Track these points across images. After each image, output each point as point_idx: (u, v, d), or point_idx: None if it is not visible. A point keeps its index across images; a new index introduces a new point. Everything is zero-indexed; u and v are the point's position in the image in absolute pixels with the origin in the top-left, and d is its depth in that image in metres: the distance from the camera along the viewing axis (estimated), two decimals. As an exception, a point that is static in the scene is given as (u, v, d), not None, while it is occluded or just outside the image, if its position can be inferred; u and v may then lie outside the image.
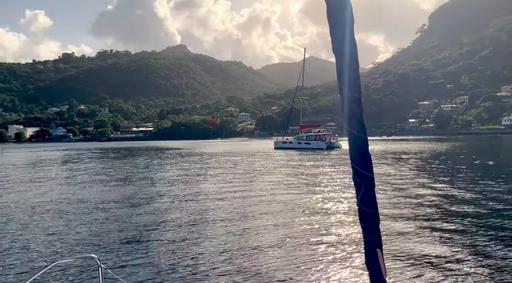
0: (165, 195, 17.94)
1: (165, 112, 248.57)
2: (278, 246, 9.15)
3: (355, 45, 1.42)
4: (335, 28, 1.46)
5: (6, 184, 24.36)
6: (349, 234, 10.13)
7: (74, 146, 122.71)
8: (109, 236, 10.66)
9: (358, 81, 1.44)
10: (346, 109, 1.40)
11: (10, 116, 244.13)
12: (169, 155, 55.34)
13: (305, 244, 9.28)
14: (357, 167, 1.49)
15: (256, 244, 9.42)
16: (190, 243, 9.74)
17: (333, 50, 1.46)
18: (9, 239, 10.61)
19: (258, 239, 9.93)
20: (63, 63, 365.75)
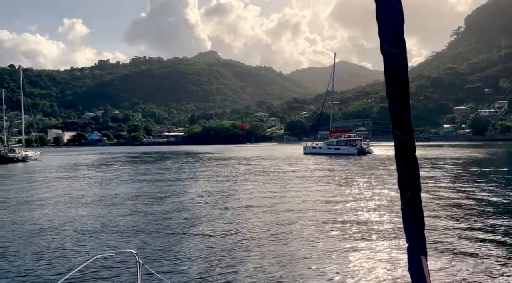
0: (198, 196, 18.30)
1: (195, 117, 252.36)
2: (320, 254, 9.05)
3: (404, 46, 1.39)
4: (384, 28, 1.40)
5: (48, 185, 25.55)
6: (390, 240, 10.01)
7: (108, 150, 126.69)
8: (146, 233, 11.08)
9: (406, 82, 1.40)
10: (393, 111, 1.37)
11: (50, 121, 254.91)
12: (200, 159, 56.21)
13: (343, 251, 9.25)
14: (403, 171, 1.45)
15: (291, 249, 9.50)
16: (225, 242, 9.93)
17: (381, 51, 1.40)
18: (54, 234, 11.21)
19: (292, 245, 10.00)
20: (99, 70, 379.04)
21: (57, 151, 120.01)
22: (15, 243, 10.42)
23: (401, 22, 1.38)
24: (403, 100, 1.39)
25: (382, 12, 1.39)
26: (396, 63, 1.38)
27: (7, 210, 15.92)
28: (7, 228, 12.47)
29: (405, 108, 1.39)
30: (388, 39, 1.39)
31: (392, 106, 1.41)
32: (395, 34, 1.39)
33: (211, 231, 11.18)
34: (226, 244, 9.75)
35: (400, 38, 1.39)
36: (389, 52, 1.39)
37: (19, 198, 19.71)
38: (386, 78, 1.41)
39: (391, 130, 1.39)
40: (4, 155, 56.78)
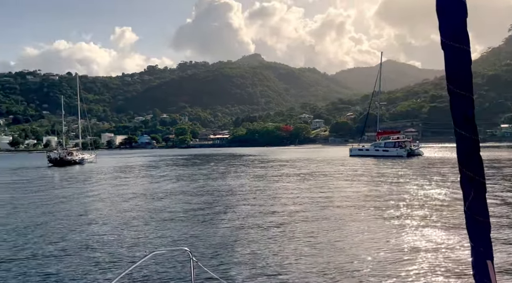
0: (245, 197, 18.57)
1: (240, 120, 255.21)
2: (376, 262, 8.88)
3: (467, 40, 1.31)
4: (445, 22, 1.32)
5: (104, 186, 27.00)
6: (452, 245, 9.67)
7: (158, 152, 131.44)
8: (198, 231, 11.44)
9: (470, 78, 1.32)
10: (455, 108, 1.30)
11: (103, 125, 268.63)
12: (245, 161, 56.81)
13: (402, 255, 9.06)
14: (466, 171, 1.38)
15: (343, 254, 9.43)
16: (275, 241, 10.04)
17: (442, 46, 1.33)
18: (111, 231, 11.88)
19: (345, 249, 9.92)
20: (147, 75, 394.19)
21: (109, 154, 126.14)
22: (74, 240, 11.14)
23: (464, 15, 1.31)
24: (466, 97, 1.33)
25: (443, 5, 1.32)
26: (459, 58, 1.31)
27: (68, 210, 17.02)
28: (68, 226, 13.35)
29: (468, 106, 1.34)
30: (450, 34, 1.32)
31: (455, 104, 1.35)
32: (458, 28, 1.31)
33: (261, 230, 11.37)
34: (277, 244, 9.86)
35: (463, 32, 1.32)
36: (451, 47, 1.32)
37: (78, 198, 21.00)
38: (447, 74, 1.35)
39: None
40: (63, 157, 60.55)
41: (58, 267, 8.60)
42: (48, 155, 64.34)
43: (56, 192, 24.18)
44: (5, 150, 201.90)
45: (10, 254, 9.86)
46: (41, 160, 70.87)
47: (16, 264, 9.01)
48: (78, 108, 78.57)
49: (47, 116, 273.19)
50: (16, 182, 32.03)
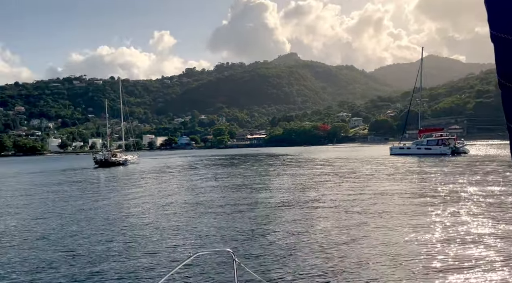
0: (289, 197, 18.55)
1: (276, 119, 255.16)
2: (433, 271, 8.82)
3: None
4: (495, 12, 1.24)
5: (147, 186, 27.94)
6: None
7: (197, 153, 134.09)
8: (242, 233, 11.59)
9: None
10: (507, 103, 1.24)
11: (144, 127, 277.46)
12: (283, 160, 56.74)
13: (468, 254, 8.81)
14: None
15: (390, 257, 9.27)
16: (318, 243, 10.02)
17: (491, 38, 1.25)
18: (157, 232, 12.30)
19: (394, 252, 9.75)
20: (186, 78, 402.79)
21: (151, 155, 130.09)
22: (119, 241, 11.62)
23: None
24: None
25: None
26: (510, 50, 1.23)
27: (112, 210, 17.77)
28: (113, 226, 13.95)
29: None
30: (500, 25, 1.23)
31: (507, 98, 1.27)
32: (508, 18, 1.22)
33: (305, 231, 11.37)
34: (320, 245, 9.83)
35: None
36: (502, 39, 1.23)
37: (122, 198, 21.87)
38: (498, 67, 1.27)
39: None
40: (108, 159, 63.15)
41: (104, 267, 8.96)
42: (94, 156, 67.33)
43: (101, 192, 25.30)
44: (55, 152, 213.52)
45: (56, 252, 10.44)
46: (88, 161, 74.25)
47: (62, 262, 9.52)
48: (121, 111, 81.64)
49: (92, 119, 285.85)
50: (64, 182, 33.83)
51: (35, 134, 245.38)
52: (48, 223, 14.81)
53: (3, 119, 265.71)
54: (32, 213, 17.39)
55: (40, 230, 13.57)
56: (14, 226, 14.42)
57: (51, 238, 12.13)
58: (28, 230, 13.61)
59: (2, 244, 11.57)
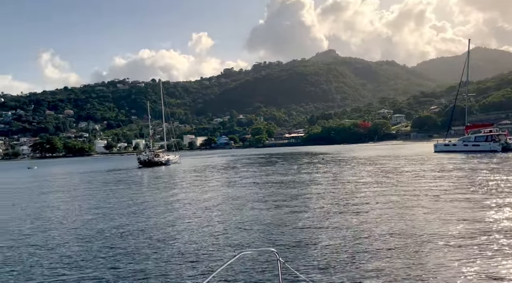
0: (332, 196, 18.32)
1: (315, 117, 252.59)
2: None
3: None
4: None
5: (189, 185, 28.59)
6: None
7: (236, 152, 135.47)
8: (286, 232, 11.56)
9: None
10: None
11: (185, 128, 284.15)
12: (322, 159, 56.08)
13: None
14: None
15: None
16: (365, 243, 9.85)
17: None
18: (201, 231, 12.57)
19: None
20: (224, 78, 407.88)
21: (191, 154, 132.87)
22: (163, 240, 11.98)
23: None
24: None
25: None
26: None
27: (157, 208, 18.34)
28: (158, 225, 14.40)
29: None
30: None
31: None
32: None
33: (349, 231, 11.22)
34: (366, 245, 9.67)
35: None
36: None
37: (167, 196, 22.51)
38: None
39: None
40: (151, 159, 65.23)
41: (148, 265, 9.20)
42: (138, 157, 69.80)
43: (146, 191, 26.18)
44: (101, 152, 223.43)
45: (104, 249, 10.93)
46: (132, 161, 77.05)
47: (108, 259, 9.93)
48: (162, 112, 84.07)
49: (135, 121, 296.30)
50: (112, 181, 35.33)
51: (83, 136, 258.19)
52: (99, 219, 15.54)
53: (54, 122, 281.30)
54: (84, 210, 18.32)
55: (93, 226, 14.26)
56: (74, 221, 15.27)
57: (103, 234, 12.72)
58: (82, 226, 14.34)
59: (65, 236, 12.29)
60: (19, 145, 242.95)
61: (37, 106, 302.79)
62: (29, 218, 17.09)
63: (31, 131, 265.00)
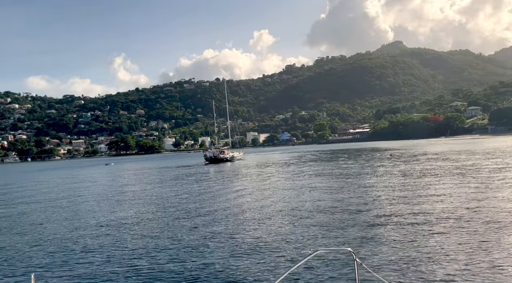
0: (402, 196, 17.65)
1: (381, 112, 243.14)
2: None
3: None
4: None
5: (255, 180, 29.12)
6: None
7: (298, 149, 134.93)
8: (361, 231, 11.39)
9: None
10: None
11: (248, 125, 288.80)
12: (389, 155, 53.85)
13: None
14: None
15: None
16: (446, 245, 9.43)
17: None
18: (274, 229, 12.74)
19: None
20: (286, 74, 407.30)
21: (254, 151, 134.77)
22: (235, 235, 12.34)
23: None
24: None
25: None
26: None
27: (225, 203, 18.91)
28: (231, 220, 14.86)
29: None
30: None
31: None
32: None
33: (426, 232, 10.78)
34: (446, 247, 9.25)
35: None
36: None
37: (233, 192, 23.12)
38: None
39: None
40: (217, 156, 67.44)
41: (224, 260, 9.54)
42: (204, 154, 72.69)
43: (216, 186, 27.10)
44: (170, 150, 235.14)
45: (173, 243, 11.51)
46: (198, 158, 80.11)
47: (183, 250, 10.45)
48: (227, 110, 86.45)
49: (201, 119, 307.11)
50: (184, 176, 37.08)
51: (153, 134, 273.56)
52: (172, 211, 16.44)
53: (127, 122, 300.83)
54: (160, 200, 19.50)
55: (168, 216, 15.15)
56: (151, 210, 16.35)
57: (179, 228, 13.47)
58: (159, 215, 15.30)
59: (143, 223, 13.24)
60: (97, 143, 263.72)
61: (112, 107, 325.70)
62: (123, 203, 18.59)
63: (108, 131, 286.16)
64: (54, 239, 12.96)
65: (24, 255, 11.17)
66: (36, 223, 16.70)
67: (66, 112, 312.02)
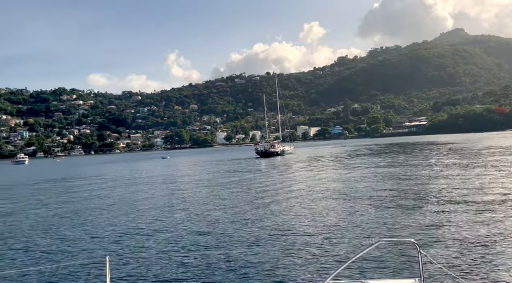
0: (465, 191, 16.89)
1: (439, 104, 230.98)
2: None
3: None
4: None
5: (308, 175, 29.07)
6: None
7: (350, 143, 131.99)
8: (425, 223, 11.15)
9: None
10: None
11: (298, 119, 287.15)
12: (448, 149, 51.13)
13: None
14: None
15: None
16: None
17: None
18: (335, 219, 12.77)
19: None
20: (337, 67, 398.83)
21: (305, 145, 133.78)
22: (298, 223, 12.47)
23: None
24: None
25: None
26: None
27: (279, 196, 19.11)
28: (292, 211, 15.04)
29: None
30: None
31: None
32: None
33: (494, 227, 10.30)
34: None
35: None
36: None
37: (286, 185, 23.27)
38: None
39: None
40: (267, 150, 67.90)
41: (284, 251, 9.73)
42: (255, 147, 73.56)
43: (268, 180, 27.43)
44: (222, 144, 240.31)
45: (237, 231, 11.85)
46: (249, 152, 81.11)
47: (239, 240, 10.72)
48: (278, 104, 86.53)
49: (252, 113, 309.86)
50: (235, 170, 37.91)
51: (205, 128, 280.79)
52: (227, 205, 16.97)
53: (181, 116, 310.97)
54: (214, 194, 20.21)
55: (227, 204, 15.68)
56: (211, 201, 17.03)
57: (242, 218, 13.90)
58: (217, 203, 15.88)
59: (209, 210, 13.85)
60: (153, 137, 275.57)
61: (167, 102, 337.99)
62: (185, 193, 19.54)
63: (163, 125, 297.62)
64: (127, 226, 13.95)
65: (99, 239, 12.12)
66: (113, 210, 17.99)
67: (125, 107, 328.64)
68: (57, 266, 9.12)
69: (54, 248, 11.29)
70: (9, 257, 10.55)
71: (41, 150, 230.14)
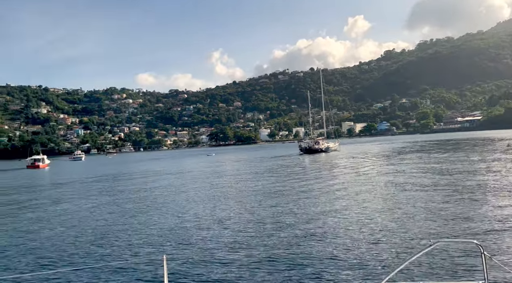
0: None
1: (495, 98, 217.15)
2: None
3: None
4: None
5: (355, 172, 28.52)
6: None
7: (398, 139, 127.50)
8: (487, 225, 10.62)
9: None
10: None
11: (343, 115, 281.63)
12: (507, 145, 48.02)
13: None
14: None
15: None
16: None
17: None
18: (392, 219, 12.43)
19: None
20: (384, 61, 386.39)
21: (350, 142, 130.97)
22: (351, 221, 12.28)
23: None
24: None
25: None
26: None
27: (326, 195, 18.88)
28: (335, 210, 14.85)
29: None
30: None
31: None
32: None
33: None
34: None
35: None
36: None
37: (331, 184, 22.95)
38: None
39: None
40: (311, 146, 67.24)
41: (339, 250, 9.64)
42: (299, 144, 73.07)
43: (312, 178, 27.22)
44: (265, 140, 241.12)
45: (276, 228, 11.84)
46: (293, 149, 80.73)
47: (289, 235, 10.68)
48: (322, 100, 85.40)
49: (295, 109, 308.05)
50: (279, 167, 37.96)
51: (249, 125, 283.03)
52: (271, 203, 17.05)
53: (226, 114, 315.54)
54: (259, 192, 20.37)
55: (274, 199, 15.76)
56: (268, 194, 17.22)
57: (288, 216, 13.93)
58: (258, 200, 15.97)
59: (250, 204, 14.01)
60: (199, 135, 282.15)
61: (212, 100, 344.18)
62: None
63: (208, 123, 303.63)
64: (185, 226, 14.09)
65: (157, 237, 12.40)
66: (171, 207, 18.67)
67: (172, 105, 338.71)
68: (111, 265, 9.21)
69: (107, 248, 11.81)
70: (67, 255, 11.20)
71: (95, 147, 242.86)
